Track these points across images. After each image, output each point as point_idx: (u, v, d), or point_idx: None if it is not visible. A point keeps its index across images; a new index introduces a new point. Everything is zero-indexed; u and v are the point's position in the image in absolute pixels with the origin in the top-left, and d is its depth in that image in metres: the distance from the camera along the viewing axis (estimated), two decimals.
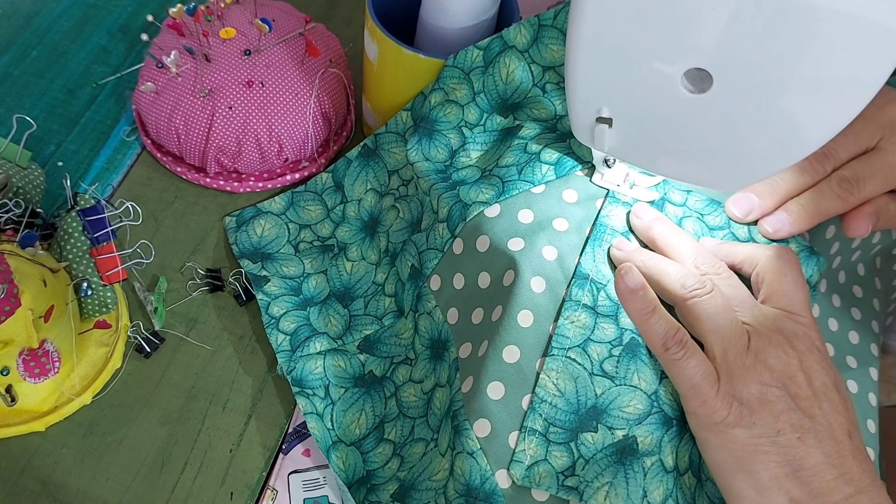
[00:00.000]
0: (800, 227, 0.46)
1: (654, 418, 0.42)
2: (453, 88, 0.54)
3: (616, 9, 0.36)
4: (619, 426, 0.42)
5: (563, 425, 0.42)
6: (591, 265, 0.45)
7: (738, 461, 0.39)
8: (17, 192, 0.53)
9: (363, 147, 0.59)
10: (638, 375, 0.43)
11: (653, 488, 0.41)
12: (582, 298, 0.44)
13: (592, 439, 0.42)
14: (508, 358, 0.43)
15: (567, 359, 0.43)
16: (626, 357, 0.43)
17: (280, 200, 0.59)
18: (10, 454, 0.48)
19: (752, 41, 0.34)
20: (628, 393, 0.43)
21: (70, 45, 0.68)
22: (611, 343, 0.43)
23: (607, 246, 0.46)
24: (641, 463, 0.41)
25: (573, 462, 0.42)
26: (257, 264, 0.55)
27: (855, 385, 0.51)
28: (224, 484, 0.48)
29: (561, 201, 0.48)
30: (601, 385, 0.43)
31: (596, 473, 0.41)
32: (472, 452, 0.42)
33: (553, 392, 0.42)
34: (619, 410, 0.42)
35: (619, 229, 0.47)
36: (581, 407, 0.42)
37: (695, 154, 0.41)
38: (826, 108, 0.35)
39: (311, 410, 0.49)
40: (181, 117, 0.56)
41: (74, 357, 0.49)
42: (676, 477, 0.42)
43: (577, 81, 0.41)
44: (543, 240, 0.45)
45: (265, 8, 0.61)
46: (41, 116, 0.62)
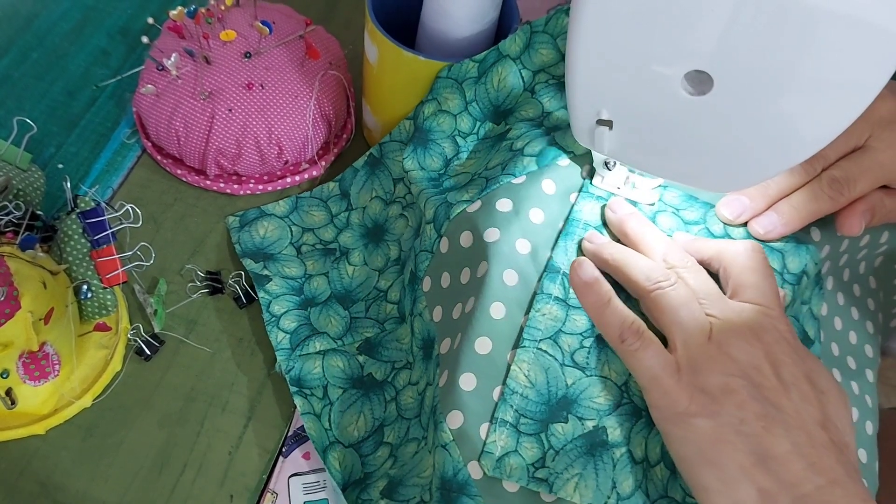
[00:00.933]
0: (791, 228, 0.46)
1: (623, 409, 0.43)
2: (446, 98, 0.55)
3: (616, 11, 0.36)
4: (590, 417, 0.42)
5: (533, 416, 0.42)
6: (563, 259, 0.46)
7: (703, 453, 0.38)
8: (18, 195, 0.53)
9: (369, 156, 0.59)
10: (608, 366, 0.43)
11: (622, 479, 0.42)
12: (553, 291, 0.45)
13: (563, 430, 0.42)
14: (480, 349, 0.43)
15: (538, 350, 0.43)
16: (597, 348, 0.44)
17: (284, 204, 0.59)
18: (10, 456, 0.48)
19: (752, 43, 0.34)
20: (599, 384, 0.43)
21: (70, 48, 0.68)
22: (582, 335, 0.44)
23: (579, 239, 0.46)
24: (611, 454, 0.42)
25: (543, 454, 0.42)
26: (259, 264, 0.55)
27: (856, 386, 0.51)
28: (223, 486, 0.48)
29: (540, 191, 0.48)
30: (572, 376, 0.43)
31: (566, 465, 0.41)
32: (446, 445, 0.42)
33: (524, 383, 0.43)
34: (589, 401, 0.43)
35: (592, 223, 0.47)
36: (552, 398, 0.43)
37: (695, 156, 0.41)
38: (826, 111, 0.35)
39: (309, 410, 0.49)
40: (181, 120, 0.56)
41: (74, 359, 0.49)
42: (647, 468, 0.42)
43: (577, 84, 0.41)
44: (518, 232, 0.46)
45: (265, 10, 0.61)
46: (41, 119, 0.62)
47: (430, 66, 0.53)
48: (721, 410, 0.38)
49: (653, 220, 0.48)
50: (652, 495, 0.42)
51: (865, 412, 0.51)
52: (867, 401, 0.51)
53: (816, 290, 0.48)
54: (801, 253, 0.47)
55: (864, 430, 0.50)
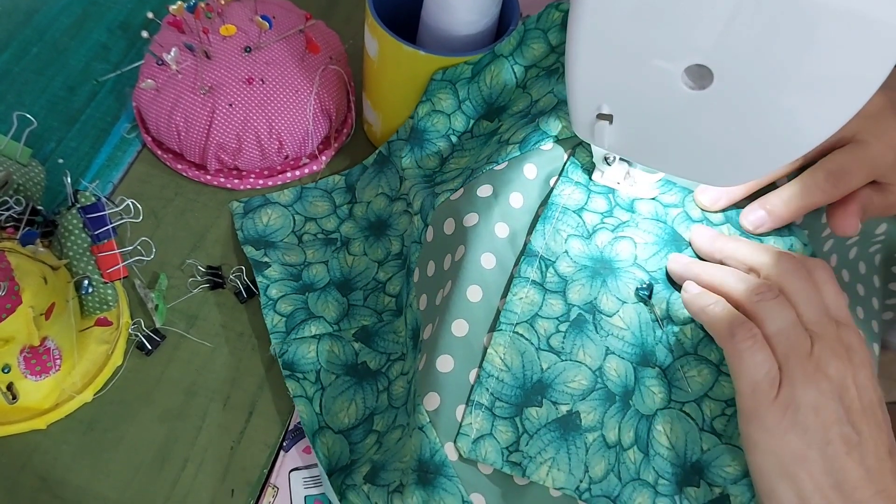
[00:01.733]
0: (781, 222, 0.46)
1: (597, 394, 0.43)
2: (440, 99, 0.56)
3: (616, 5, 0.36)
4: (564, 401, 0.43)
5: (508, 400, 0.43)
6: (540, 243, 0.46)
7: (784, 467, 0.39)
8: (18, 190, 0.53)
9: (378, 154, 0.60)
10: (584, 351, 0.44)
11: (594, 463, 0.42)
12: (530, 275, 0.45)
13: (537, 414, 0.42)
14: (457, 332, 0.44)
15: (515, 334, 0.43)
16: (573, 332, 0.44)
17: (289, 193, 0.59)
18: (11, 451, 0.48)
19: (752, 38, 0.34)
20: (573, 368, 0.43)
21: (70, 43, 0.68)
22: (558, 319, 0.44)
23: (558, 224, 0.46)
24: (584, 438, 0.42)
25: (517, 437, 0.42)
26: (260, 251, 0.56)
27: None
28: (225, 481, 0.49)
29: (521, 175, 0.48)
30: (547, 360, 0.43)
31: (539, 449, 0.42)
32: (423, 427, 0.42)
33: (500, 367, 0.43)
34: (563, 385, 0.43)
35: (570, 207, 0.47)
36: (527, 382, 0.43)
37: (695, 150, 0.41)
38: (826, 105, 0.35)
39: (301, 394, 0.50)
40: (181, 114, 0.56)
41: (75, 354, 0.49)
42: (619, 452, 0.43)
43: (577, 78, 0.41)
44: (497, 215, 0.46)
45: (265, 5, 0.60)
46: (41, 113, 0.62)
47: (431, 61, 0.53)
48: (810, 429, 0.38)
49: (630, 206, 0.48)
50: (624, 478, 0.42)
51: None
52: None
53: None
54: (784, 238, 0.47)
55: None
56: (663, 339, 0.45)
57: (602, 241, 0.47)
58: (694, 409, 0.44)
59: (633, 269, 0.46)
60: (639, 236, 0.47)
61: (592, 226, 0.47)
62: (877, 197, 0.47)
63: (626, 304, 0.45)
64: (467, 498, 0.41)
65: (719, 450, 0.43)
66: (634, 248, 0.47)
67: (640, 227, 0.47)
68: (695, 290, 0.44)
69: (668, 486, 0.43)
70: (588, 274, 0.46)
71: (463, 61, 0.54)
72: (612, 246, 0.47)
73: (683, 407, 0.44)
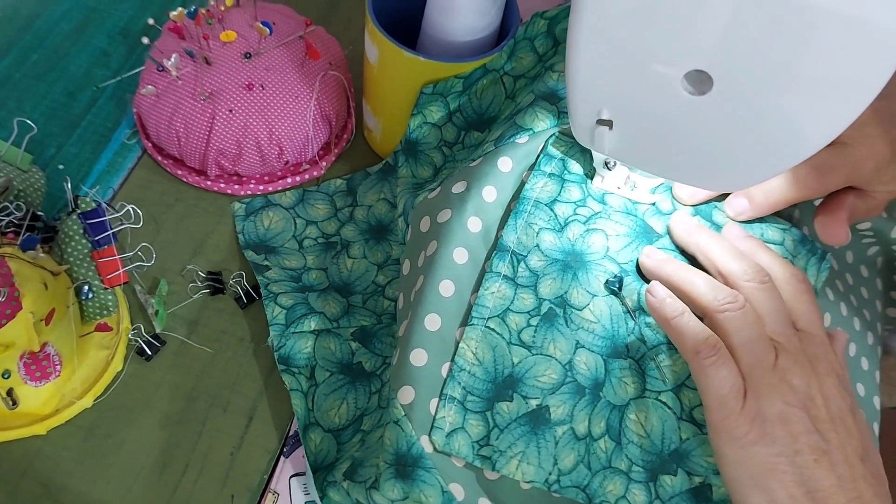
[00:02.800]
0: (762, 212, 0.47)
1: (566, 388, 0.43)
2: (431, 111, 0.56)
3: (616, 11, 0.36)
4: (534, 395, 0.43)
5: (480, 394, 0.43)
6: (512, 238, 0.46)
7: (755, 478, 0.39)
8: (18, 196, 0.53)
9: (385, 164, 0.61)
10: (554, 345, 0.44)
11: (564, 455, 0.43)
12: (502, 270, 0.45)
13: (507, 409, 0.43)
14: (430, 326, 0.44)
15: (486, 328, 0.44)
16: (544, 327, 0.44)
17: (291, 195, 0.60)
18: (12, 457, 0.48)
19: (751, 43, 0.34)
20: (544, 363, 0.44)
21: (70, 49, 0.68)
22: (529, 313, 0.45)
23: (530, 218, 0.47)
24: (553, 432, 0.43)
25: (488, 432, 0.43)
26: (261, 255, 0.56)
27: (862, 388, 0.51)
28: (225, 486, 0.48)
29: (495, 169, 0.48)
30: (518, 354, 0.44)
31: (509, 443, 0.42)
32: (398, 420, 0.43)
33: (472, 361, 0.43)
34: (534, 380, 0.43)
35: (543, 201, 0.47)
36: (498, 376, 0.44)
37: (695, 156, 0.41)
38: (826, 110, 0.35)
39: (297, 388, 0.50)
40: (182, 120, 0.56)
41: (75, 360, 0.49)
42: (590, 443, 0.43)
43: (577, 83, 0.41)
44: (471, 210, 0.47)
45: (265, 11, 0.61)
46: (42, 119, 0.62)
47: (431, 67, 0.53)
48: (778, 439, 0.39)
49: (602, 198, 0.49)
50: (594, 467, 0.43)
51: (871, 414, 0.51)
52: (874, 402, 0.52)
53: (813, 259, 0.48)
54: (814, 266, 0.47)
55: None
56: (636, 330, 0.45)
57: (574, 234, 0.47)
58: (671, 398, 0.44)
59: (604, 261, 0.46)
60: (611, 228, 0.47)
61: (565, 218, 0.48)
62: (859, 203, 0.48)
63: (597, 297, 0.45)
64: (446, 488, 0.42)
65: (699, 439, 0.43)
66: (606, 240, 0.47)
67: (612, 218, 0.48)
68: (661, 294, 0.44)
69: (642, 474, 0.43)
70: (559, 268, 0.46)
71: (453, 76, 0.55)
72: (585, 238, 0.47)
73: (660, 396, 0.44)
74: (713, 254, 0.45)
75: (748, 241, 0.46)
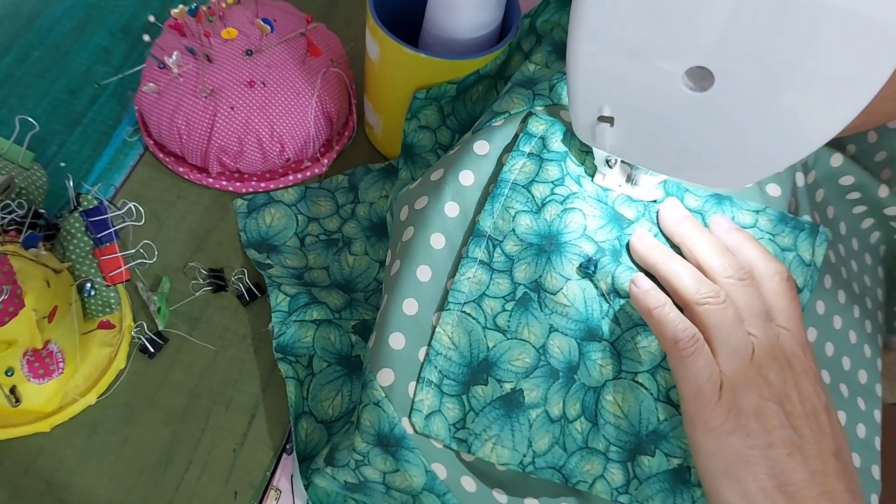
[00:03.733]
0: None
1: (540, 371, 0.44)
2: (425, 115, 0.57)
3: (617, 7, 0.36)
4: (508, 379, 0.44)
5: (455, 378, 0.44)
6: (489, 223, 0.47)
7: (729, 469, 0.40)
8: (20, 193, 0.53)
9: (388, 164, 0.61)
10: (528, 329, 0.45)
11: (538, 438, 0.44)
12: (478, 255, 0.46)
13: (482, 392, 0.44)
14: (408, 310, 0.45)
15: (462, 313, 0.45)
16: (518, 311, 0.45)
17: (293, 192, 0.60)
18: (15, 454, 0.48)
19: (753, 39, 0.34)
20: (518, 347, 0.45)
21: (72, 46, 0.68)
22: (504, 298, 0.45)
23: (507, 201, 0.47)
24: (527, 415, 0.44)
25: (464, 415, 0.44)
26: (263, 254, 0.56)
27: (863, 402, 0.51)
28: (228, 483, 0.49)
29: (471, 153, 0.49)
30: (493, 339, 0.45)
31: (484, 426, 0.43)
32: (378, 402, 0.43)
33: (448, 345, 0.44)
34: (508, 364, 0.44)
35: (520, 182, 0.48)
36: (474, 360, 0.44)
37: (697, 152, 0.41)
38: (828, 106, 0.35)
39: (293, 375, 0.50)
40: (183, 117, 0.56)
41: (78, 357, 0.49)
42: (565, 425, 0.44)
43: (578, 80, 0.41)
44: (448, 195, 0.47)
45: (266, 8, 0.61)
46: (43, 117, 0.62)
47: (432, 64, 0.53)
48: (752, 432, 0.39)
49: (578, 179, 0.49)
50: (570, 448, 0.44)
51: (867, 415, 0.51)
52: (872, 396, 0.51)
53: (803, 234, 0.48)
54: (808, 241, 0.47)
55: (873, 423, 0.50)
56: (610, 312, 0.46)
57: (551, 214, 0.47)
58: (648, 379, 0.44)
59: (581, 241, 0.46)
60: (587, 209, 0.47)
61: (542, 199, 0.48)
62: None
63: (570, 280, 0.46)
64: (429, 468, 0.42)
65: (676, 421, 0.44)
66: (584, 219, 0.47)
67: (587, 201, 0.48)
68: (644, 286, 0.44)
69: (620, 454, 0.44)
70: (533, 252, 0.46)
71: (446, 82, 0.55)
72: (562, 218, 0.47)
73: (636, 377, 0.45)
74: (696, 247, 0.45)
75: (736, 233, 0.46)
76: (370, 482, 0.44)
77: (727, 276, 0.43)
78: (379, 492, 0.44)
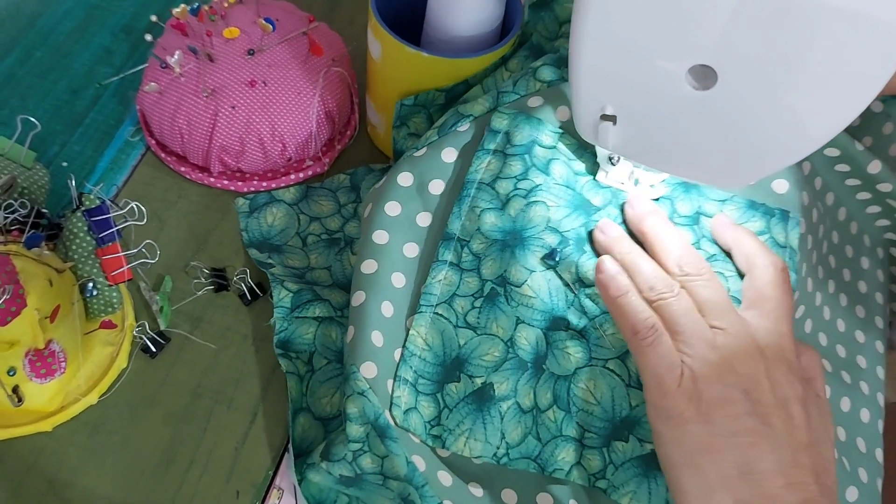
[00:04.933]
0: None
1: (509, 364, 0.45)
2: (414, 122, 0.57)
3: (620, 5, 0.36)
4: (479, 374, 0.45)
5: (430, 377, 0.46)
6: (457, 225, 0.49)
7: (689, 457, 0.39)
8: (23, 193, 0.53)
9: (390, 164, 0.62)
10: (496, 323, 0.46)
11: (510, 429, 0.45)
12: (448, 258, 0.48)
13: (455, 389, 0.45)
14: (385, 312, 0.47)
15: (435, 315, 0.47)
16: (487, 307, 0.46)
17: (294, 191, 0.60)
18: (17, 454, 0.48)
19: (756, 37, 0.34)
20: (487, 342, 0.46)
21: (73, 46, 0.68)
22: (473, 296, 0.47)
23: (473, 202, 0.49)
24: (498, 408, 0.45)
25: (439, 412, 0.45)
26: (264, 254, 0.56)
27: (866, 386, 0.51)
28: (230, 482, 0.49)
29: (440, 161, 0.51)
30: (465, 336, 0.46)
31: (457, 422, 0.45)
32: (364, 392, 0.44)
33: (422, 346, 0.46)
34: (479, 359, 0.46)
35: (486, 181, 0.49)
36: (447, 359, 0.46)
37: (699, 151, 0.41)
38: (830, 105, 0.35)
39: (294, 371, 0.51)
40: (185, 117, 0.56)
41: (80, 357, 0.49)
42: (537, 414, 0.45)
43: (580, 79, 0.41)
44: (419, 206, 0.50)
45: (268, 7, 0.61)
46: (45, 117, 0.62)
47: (434, 63, 0.53)
48: (715, 419, 0.39)
49: (545, 167, 0.49)
50: (544, 438, 0.45)
51: (876, 411, 0.51)
52: (878, 398, 0.51)
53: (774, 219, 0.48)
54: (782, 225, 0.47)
55: (877, 429, 0.50)
56: (575, 302, 0.46)
57: (515, 209, 0.48)
58: (618, 365, 0.45)
59: (545, 233, 0.47)
60: (551, 200, 0.48)
61: (506, 194, 0.48)
62: None
63: (534, 272, 0.46)
64: (410, 459, 0.43)
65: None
66: (547, 210, 0.47)
67: (552, 192, 0.48)
68: (609, 271, 0.44)
69: (595, 440, 0.45)
70: (498, 248, 0.47)
71: (434, 89, 0.55)
72: (525, 212, 0.47)
73: (607, 364, 0.45)
74: (656, 245, 0.45)
75: (734, 230, 0.46)
76: (367, 474, 0.44)
77: (682, 275, 0.43)
78: (375, 484, 0.45)
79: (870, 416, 0.50)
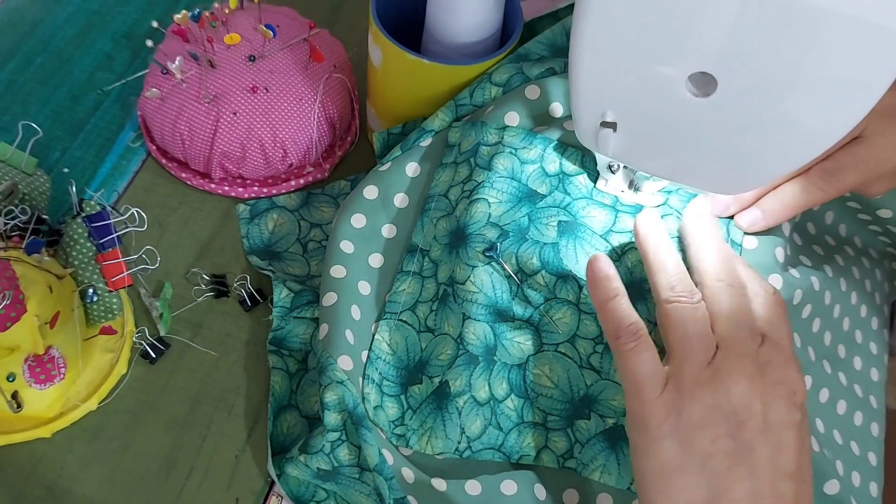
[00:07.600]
0: (776, 221, 0.45)
1: (460, 360, 0.46)
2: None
3: (619, 13, 0.36)
4: (436, 374, 0.47)
5: (393, 380, 0.48)
6: (420, 237, 0.51)
7: (659, 476, 0.37)
8: (23, 199, 0.53)
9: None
10: (447, 323, 0.48)
11: (469, 423, 0.46)
12: (412, 268, 0.50)
13: (418, 391, 0.47)
14: (354, 315, 0.49)
15: (399, 322, 0.49)
16: (441, 308, 0.48)
17: (296, 197, 0.60)
18: (16, 460, 0.48)
19: (756, 44, 0.34)
20: (442, 342, 0.48)
21: (74, 52, 0.68)
22: (431, 300, 0.49)
23: (433, 213, 0.51)
24: (455, 404, 0.46)
25: (403, 413, 0.47)
26: (265, 261, 0.56)
27: (860, 388, 0.51)
28: (230, 489, 0.48)
29: (403, 175, 0.53)
30: (426, 340, 0.48)
31: (420, 422, 0.47)
32: (342, 381, 0.46)
33: (386, 351, 0.49)
34: (436, 360, 0.47)
35: (443, 192, 0.51)
36: (410, 363, 0.48)
37: (700, 158, 0.41)
38: (831, 111, 0.35)
39: (282, 367, 0.51)
40: (186, 123, 0.56)
41: (80, 363, 0.49)
42: (495, 405, 0.47)
43: (580, 86, 0.41)
44: (384, 218, 0.52)
45: (269, 14, 0.61)
46: (46, 123, 0.62)
47: (435, 70, 0.53)
48: (692, 440, 0.37)
49: (488, 164, 0.50)
50: (506, 427, 0.46)
51: (872, 413, 0.51)
52: (871, 401, 0.51)
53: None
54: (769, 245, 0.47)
55: (869, 432, 0.50)
56: (519, 292, 0.47)
57: (460, 210, 0.49)
58: (569, 348, 0.46)
59: (485, 229, 0.48)
60: (493, 196, 0.49)
61: (455, 199, 0.50)
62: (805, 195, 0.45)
63: (477, 267, 0.47)
64: (381, 452, 0.45)
65: (602, 384, 0.45)
66: (488, 207, 0.48)
67: (495, 186, 0.49)
68: (602, 272, 0.42)
69: (559, 422, 0.46)
70: (447, 251, 0.49)
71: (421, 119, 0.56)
72: (468, 211, 0.49)
73: (559, 348, 0.46)
74: (699, 246, 0.43)
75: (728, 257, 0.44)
76: (343, 467, 0.45)
77: (719, 280, 0.41)
78: (351, 478, 0.45)
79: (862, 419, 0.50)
